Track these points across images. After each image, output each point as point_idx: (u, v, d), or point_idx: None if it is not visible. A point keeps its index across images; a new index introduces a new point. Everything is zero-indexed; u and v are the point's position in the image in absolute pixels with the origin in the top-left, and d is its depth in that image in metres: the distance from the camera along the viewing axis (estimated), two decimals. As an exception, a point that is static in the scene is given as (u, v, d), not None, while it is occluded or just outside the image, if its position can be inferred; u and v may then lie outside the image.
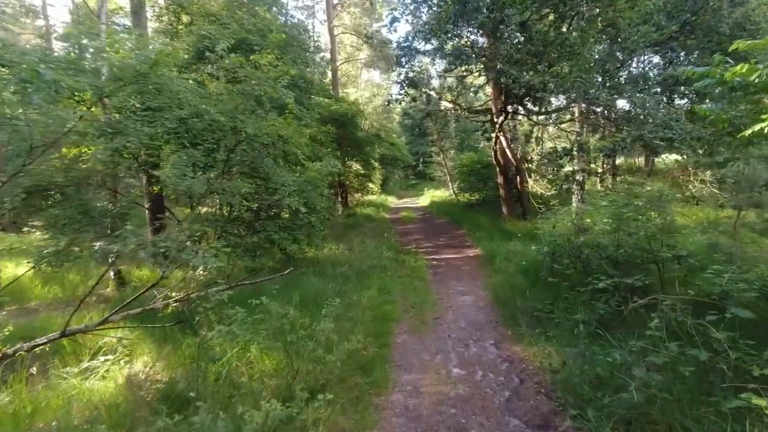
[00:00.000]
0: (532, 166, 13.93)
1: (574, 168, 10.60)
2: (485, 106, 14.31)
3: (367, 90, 32.94)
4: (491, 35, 9.30)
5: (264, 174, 6.48)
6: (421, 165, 32.62)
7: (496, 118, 11.83)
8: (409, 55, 10.94)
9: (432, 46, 10.77)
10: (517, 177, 12.15)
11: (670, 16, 9.44)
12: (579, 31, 8.70)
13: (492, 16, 8.28)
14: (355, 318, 5.18)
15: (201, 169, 6.12)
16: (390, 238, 11.23)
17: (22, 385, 3.51)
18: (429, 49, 11.00)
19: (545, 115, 12.54)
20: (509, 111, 11.56)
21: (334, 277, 6.79)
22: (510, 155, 12.07)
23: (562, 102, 11.44)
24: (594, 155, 11.33)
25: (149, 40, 7.83)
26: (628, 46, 8.48)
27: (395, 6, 11.24)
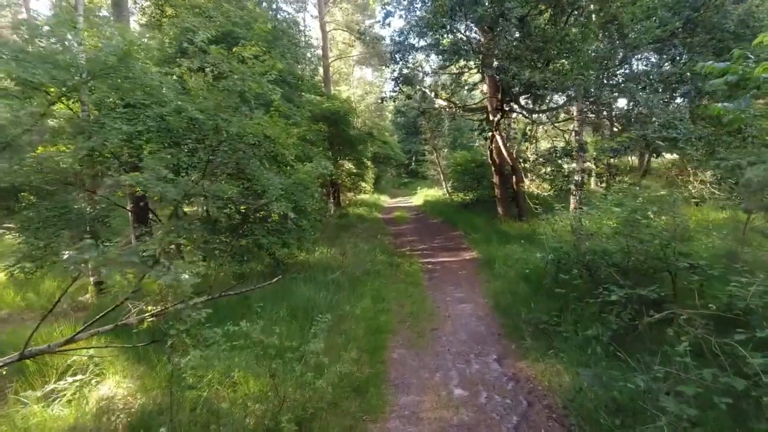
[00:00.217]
0: (528, 165, 13.66)
1: (572, 168, 10.32)
2: (480, 104, 14.03)
3: (360, 87, 32.60)
4: (489, 30, 8.96)
5: (250, 175, 6.08)
6: (414, 164, 32.30)
7: (492, 116, 11.53)
8: (404, 51, 10.56)
9: (426, 42, 10.43)
10: (513, 176, 11.86)
11: (672, 12, 9.19)
12: (579, 27, 8.41)
13: (492, 8, 7.91)
14: (348, 332, 4.84)
15: (184, 171, 5.73)
16: (383, 239, 10.87)
17: (-30, 416, 3.12)
18: (424, 45, 10.65)
19: (542, 114, 12.27)
20: (506, 109, 11.26)
21: (325, 284, 6.42)
22: (506, 154, 11.77)
23: (560, 100, 11.17)
24: (600, 156, 11.02)
25: (129, 34, 7.39)
26: (630, 42, 8.20)
27: (388, 1, 10.79)
